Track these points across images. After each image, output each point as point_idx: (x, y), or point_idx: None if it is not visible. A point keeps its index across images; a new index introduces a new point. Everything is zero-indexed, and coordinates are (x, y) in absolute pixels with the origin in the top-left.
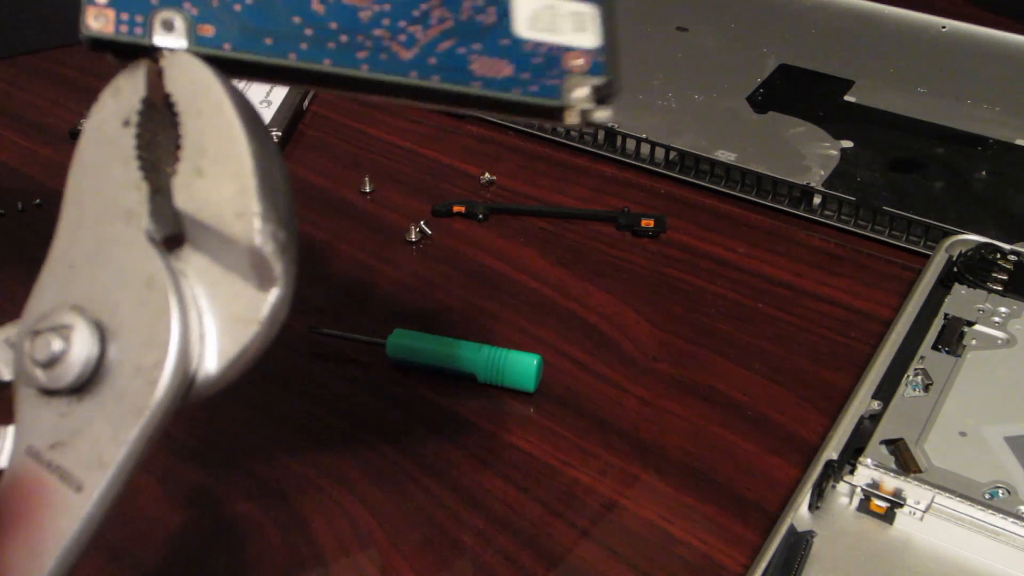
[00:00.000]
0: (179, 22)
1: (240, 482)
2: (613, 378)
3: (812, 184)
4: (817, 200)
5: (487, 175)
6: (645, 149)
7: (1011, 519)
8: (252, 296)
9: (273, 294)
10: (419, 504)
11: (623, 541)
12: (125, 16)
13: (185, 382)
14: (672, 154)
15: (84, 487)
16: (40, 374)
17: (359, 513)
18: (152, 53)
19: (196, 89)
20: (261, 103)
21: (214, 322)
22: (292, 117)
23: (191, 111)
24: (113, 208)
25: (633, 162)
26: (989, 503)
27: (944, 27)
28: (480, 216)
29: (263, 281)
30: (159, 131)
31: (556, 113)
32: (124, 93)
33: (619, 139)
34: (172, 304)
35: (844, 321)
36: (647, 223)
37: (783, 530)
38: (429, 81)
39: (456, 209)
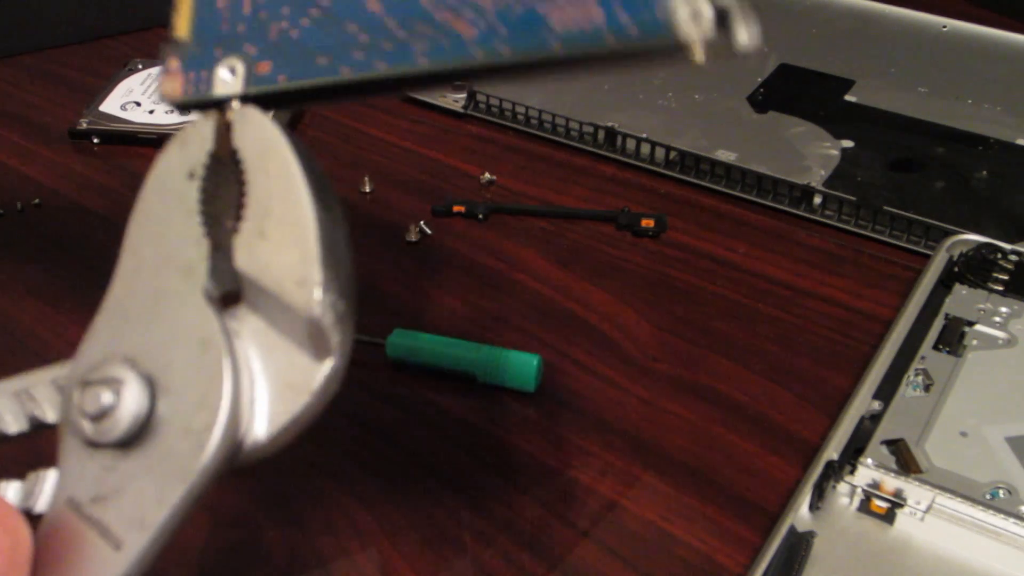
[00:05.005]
0: (238, 67)
1: (239, 482)
2: (613, 378)
3: (812, 184)
4: (817, 200)
5: (487, 175)
6: (645, 149)
7: (1012, 519)
8: (306, 365)
9: (327, 365)
10: (419, 504)
11: (623, 541)
12: (192, 76)
13: (233, 447)
14: (672, 154)
15: (123, 546)
16: (87, 426)
17: (359, 513)
18: (221, 106)
19: (263, 147)
20: None
21: (266, 387)
22: (292, 117)
23: (257, 169)
24: (172, 261)
25: (633, 162)
26: (990, 503)
27: (945, 27)
28: (480, 216)
29: (319, 351)
30: (223, 186)
31: (674, 52)
32: (191, 145)
33: (619, 139)
34: (225, 368)
35: (844, 321)
36: (647, 223)
37: (783, 530)
38: (498, 56)
39: (456, 209)
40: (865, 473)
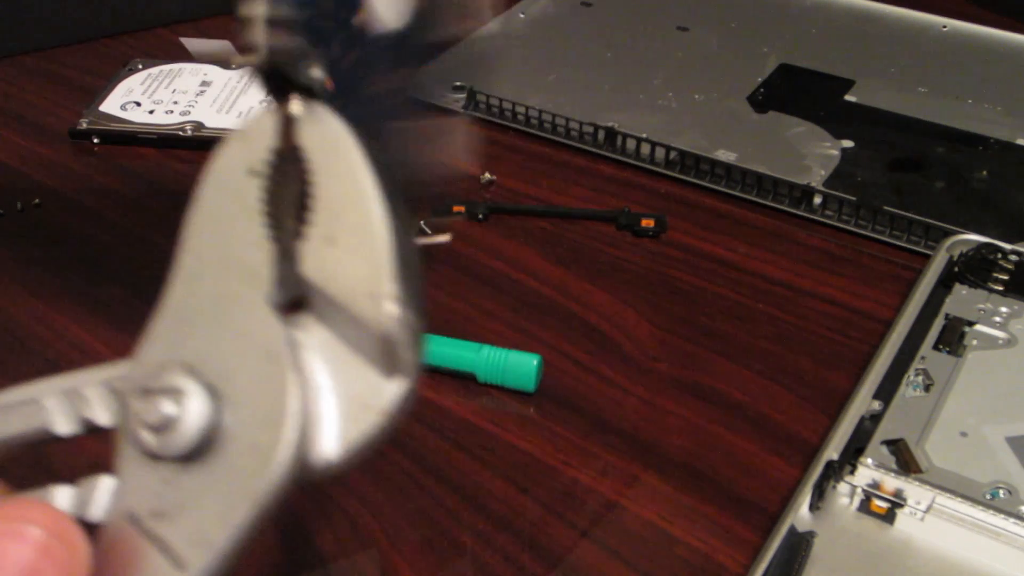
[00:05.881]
0: (319, 66)
1: None
2: (613, 378)
3: (812, 184)
4: (817, 200)
5: (487, 175)
6: (645, 149)
7: (1012, 519)
8: (377, 383)
9: (400, 384)
10: (419, 504)
11: (623, 541)
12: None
13: (300, 465)
14: (672, 154)
15: (187, 566)
16: (149, 438)
17: (359, 513)
18: (286, 97)
19: (330, 147)
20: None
21: (334, 404)
22: None
23: (324, 170)
24: (234, 265)
25: (633, 162)
26: (990, 503)
27: (945, 27)
28: (480, 216)
29: (390, 369)
30: (287, 185)
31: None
32: (252, 140)
33: (619, 139)
34: (293, 383)
35: (844, 321)
36: (647, 223)
37: (783, 530)
38: None
39: (456, 209)
40: (865, 473)
